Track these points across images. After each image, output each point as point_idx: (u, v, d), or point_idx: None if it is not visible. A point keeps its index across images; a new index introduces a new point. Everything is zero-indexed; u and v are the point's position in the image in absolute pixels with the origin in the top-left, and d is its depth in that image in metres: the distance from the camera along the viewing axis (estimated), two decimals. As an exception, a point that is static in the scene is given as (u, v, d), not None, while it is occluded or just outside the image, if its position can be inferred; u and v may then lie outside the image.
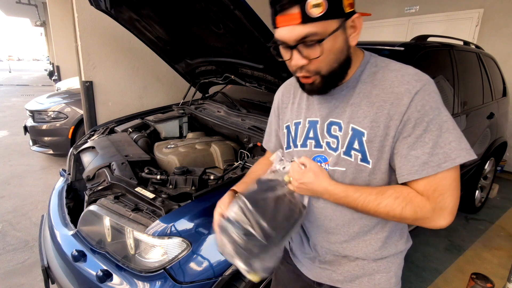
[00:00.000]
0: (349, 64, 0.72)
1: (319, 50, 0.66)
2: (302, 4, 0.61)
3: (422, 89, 0.66)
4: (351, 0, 0.65)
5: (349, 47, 0.70)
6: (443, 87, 2.18)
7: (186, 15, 1.50)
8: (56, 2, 8.35)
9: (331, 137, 0.77)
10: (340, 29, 0.65)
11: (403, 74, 0.70)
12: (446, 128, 0.65)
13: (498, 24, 4.05)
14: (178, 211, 1.14)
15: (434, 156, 0.65)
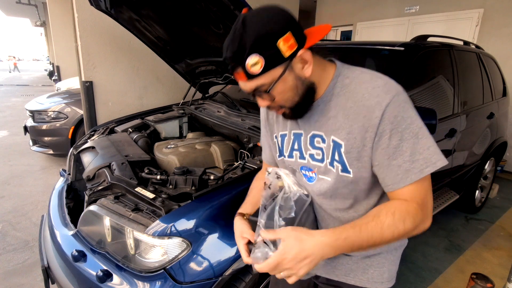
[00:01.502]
0: (313, 91, 0.76)
1: (272, 96, 0.73)
2: (243, 65, 0.68)
3: (392, 101, 0.69)
4: (291, 42, 0.67)
5: (304, 79, 0.73)
6: (443, 87, 2.18)
7: (186, 15, 1.50)
8: (56, 2, 8.35)
9: (315, 149, 0.82)
10: (287, 71, 0.70)
11: (373, 86, 0.72)
12: (421, 134, 0.69)
13: (498, 24, 4.05)
14: (178, 211, 1.14)
15: (415, 162, 0.68)
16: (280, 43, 0.66)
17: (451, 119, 2.10)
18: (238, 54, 0.67)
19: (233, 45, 0.68)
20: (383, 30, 5.41)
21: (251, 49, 0.66)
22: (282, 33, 0.66)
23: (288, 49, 0.67)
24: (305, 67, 0.72)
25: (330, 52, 2.42)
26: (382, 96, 0.69)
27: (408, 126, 0.68)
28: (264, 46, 0.66)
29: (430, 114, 1.55)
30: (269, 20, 0.67)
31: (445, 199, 2.46)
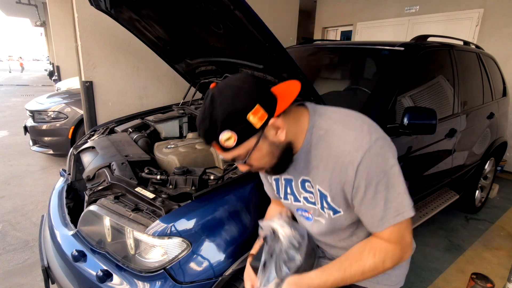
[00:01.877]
0: (290, 150, 0.80)
1: (249, 164, 0.78)
2: (216, 141, 0.71)
3: (363, 158, 0.72)
4: (260, 113, 0.69)
5: (279, 143, 0.76)
6: (443, 87, 2.18)
7: (186, 15, 1.50)
8: (56, 2, 8.35)
9: (307, 192, 0.87)
10: (260, 140, 0.73)
11: (344, 142, 0.74)
12: (391, 184, 0.73)
13: (498, 24, 4.05)
14: (178, 211, 1.14)
15: (387, 210, 0.74)
16: (250, 117, 0.68)
17: (451, 119, 2.10)
18: (211, 132, 0.70)
19: (204, 123, 0.70)
20: (383, 30, 5.41)
21: (222, 126, 0.68)
22: (250, 107, 0.68)
23: (259, 121, 0.69)
24: (278, 133, 0.74)
25: (330, 52, 2.42)
26: (353, 155, 0.72)
27: (380, 179, 0.72)
28: (234, 122, 0.68)
29: (430, 114, 1.55)
30: (236, 97, 0.68)
31: (445, 199, 2.46)
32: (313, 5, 6.94)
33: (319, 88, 2.05)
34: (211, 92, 0.71)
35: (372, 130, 0.75)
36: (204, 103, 0.72)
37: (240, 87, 0.70)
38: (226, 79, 0.75)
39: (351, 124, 0.76)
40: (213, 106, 0.69)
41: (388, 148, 0.74)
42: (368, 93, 1.77)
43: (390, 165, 0.73)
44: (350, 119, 0.78)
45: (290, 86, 0.80)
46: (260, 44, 1.25)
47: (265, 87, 0.73)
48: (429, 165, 2.05)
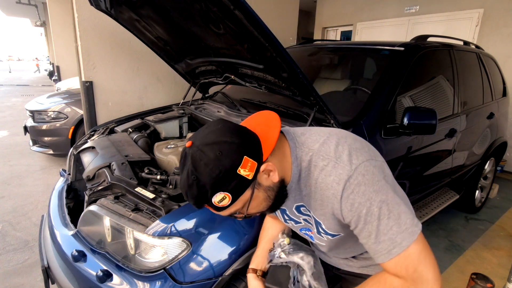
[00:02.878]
0: (284, 187, 0.76)
1: (247, 214, 0.74)
2: (209, 203, 0.67)
3: (344, 190, 0.68)
4: (249, 164, 0.64)
5: (273, 185, 0.72)
6: (443, 87, 2.18)
7: (186, 15, 1.50)
8: (56, 2, 8.35)
9: (305, 215, 0.85)
10: (255, 189, 0.69)
11: (325, 174, 0.71)
12: (382, 214, 0.66)
13: (498, 24, 4.05)
14: (178, 211, 1.14)
15: (381, 244, 0.67)
16: (241, 171, 0.63)
17: (451, 119, 2.10)
18: (201, 197, 0.65)
19: (191, 190, 0.65)
20: (383, 30, 5.41)
21: (213, 190, 0.64)
22: (238, 162, 0.63)
23: (250, 172, 0.65)
24: (270, 175, 0.71)
25: (330, 52, 2.42)
26: (335, 188, 0.69)
27: (368, 210, 0.67)
28: (225, 182, 0.63)
29: (430, 114, 1.55)
30: (220, 155, 0.62)
31: (445, 199, 2.46)
32: (313, 5, 6.94)
33: (319, 88, 2.06)
34: (190, 154, 0.64)
35: (353, 156, 0.69)
36: (185, 166, 0.65)
37: (221, 142, 0.64)
38: (201, 133, 0.67)
39: (331, 153, 0.71)
40: (198, 171, 0.62)
41: (372, 172, 0.68)
42: (368, 93, 1.77)
43: (378, 191, 0.67)
44: (328, 148, 0.72)
45: (267, 120, 0.75)
46: (260, 44, 1.25)
47: (245, 133, 0.68)
48: (429, 165, 2.05)
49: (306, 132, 0.79)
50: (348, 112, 1.62)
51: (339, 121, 1.44)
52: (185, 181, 0.65)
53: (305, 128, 0.82)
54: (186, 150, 0.66)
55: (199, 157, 0.63)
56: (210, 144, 0.64)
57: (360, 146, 0.74)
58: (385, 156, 1.62)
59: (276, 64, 1.37)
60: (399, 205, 0.67)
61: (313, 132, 0.79)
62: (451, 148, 2.17)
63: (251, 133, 0.69)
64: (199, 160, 0.63)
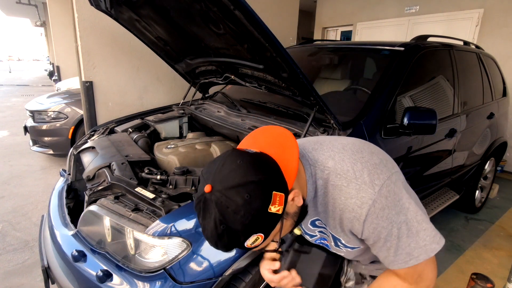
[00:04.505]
0: (305, 207, 0.72)
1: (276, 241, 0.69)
2: (241, 247, 0.61)
3: (368, 215, 0.66)
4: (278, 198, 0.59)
5: (298, 209, 0.69)
6: (443, 87, 2.18)
7: (186, 15, 1.50)
8: (56, 2, 8.35)
9: (319, 227, 0.84)
10: (284, 219, 0.65)
11: (346, 196, 0.68)
12: (402, 234, 0.67)
13: (498, 24, 4.05)
14: (178, 211, 1.14)
15: (398, 256, 0.68)
16: (271, 209, 0.58)
17: (451, 119, 2.10)
18: (233, 244, 0.60)
19: (222, 240, 0.59)
20: (383, 30, 5.41)
21: (246, 236, 0.59)
22: (268, 200, 0.58)
23: (279, 206, 0.59)
24: (295, 200, 0.66)
25: (330, 52, 2.42)
26: (357, 211, 0.67)
27: (389, 232, 0.67)
28: (258, 224, 0.58)
29: (430, 114, 1.55)
30: (249, 198, 0.56)
31: (445, 199, 2.46)
32: (313, 5, 6.94)
33: (319, 88, 2.05)
34: (213, 201, 0.57)
35: (374, 176, 0.67)
36: (207, 214, 0.59)
37: (247, 184, 0.57)
38: (218, 173, 0.60)
39: (349, 172, 0.68)
40: (227, 220, 0.56)
41: (394, 192, 0.67)
42: (368, 93, 1.77)
43: (399, 212, 0.66)
44: (346, 165, 0.69)
45: (280, 140, 0.69)
46: (260, 44, 1.25)
47: (266, 164, 0.61)
48: (429, 165, 2.05)
49: (317, 147, 0.75)
50: (348, 112, 1.62)
51: (339, 121, 1.44)
52: (213, 231, 0.58)
53: (314, 142, 0.78)
54: (207, 196, 0.58)
55: (226, 204, 0.56)
56: (235, 187, 0.57)
57: (378, 160, 0.71)
58: (385, 156, 1.62)
59: (276, 64, 1.37)
60: (419, 223, 0.67)
61: (325, 147, 0.74)
62: (451, 148, 2.17)
63: (271, 162, 0.62)
64: (226, 208, 0.56)
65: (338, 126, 1.45)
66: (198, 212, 0.61)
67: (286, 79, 1.45)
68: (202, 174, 0.63)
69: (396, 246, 0.67)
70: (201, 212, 0.60)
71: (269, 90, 1.72)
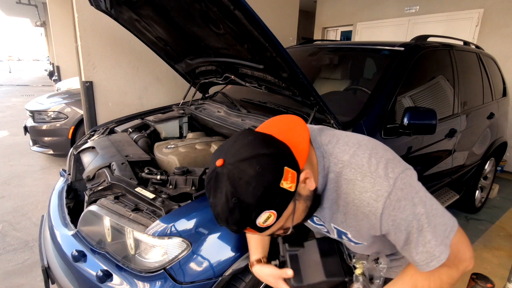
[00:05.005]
0: (318, 195, 0.72)
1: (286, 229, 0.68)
2: (253, 225, 0.59)
3: (384, 208, 0.65)
4: (290, 174, 0.59)
5: (311, 193, 0.68)
6: (443, 87, 2.18)
7: (186, 15, 1.50)
8: (56, 2, 8.35)
9: (318, 225, 0.85)
10: (297, 200, 0.64)
11: (361, 190, 0.67)
12: (421, 227, 0.66)
13: (498, 24, 4.05)
14: (178, 211, 1.14)
15: (418, 255, 0.67)
16: (283, 184, 0.58)
17: (451, 119, 2.10)
18: (245, 221, 0.58)
19: (233, 215, 0.57)
20: (383, 30, 5.41)
21: (258, 210, 0.57)
22: (280, 174, 0.57)
23: (292, 183, 0.59)
24: (307, 183, 0.65)
25: (330, 52, 2.42)
26: (373, 205, 0.66)
27: (409, 223, 0.65)
28: (269, 199, 0.57)
29: (430, 114, 1.55)
30: (261, 170, 0.56)
31: (445, 199, 2.46)
32: (313, 5, 6.94)
33: (319, 88, 2.05)
34: (225, 174, 0.57)
35: (389, 169, 0.66)
36: (218, 189, 0.58)
37: (258, 156, 0.57)
38: (230, 148, 0.60)
39: (364, 166, 0.67)
40: (239, 192, 0.56)
41: (410, 184, 0.66)
42: (368, 93, 1.77)
43: (417, 204, 0.65)
44: (361, 160, 0.68)
45: (290, 125, 0.69)
46: (260, 44, 1.25)
47: (277, 142, 0.62)
48: (429, 165, 2.05)
49: (333, 140, 0.74)
50: (348, 112, 1.62)
51: (339, 121, 1.44)
52: (224, 206, 0.57)
53: (330, 134, 0.77)
54: (218, 170, 0.58)
55: (238, 176, 0.56)
56: (247, 159, 0.57)
57: (392, 156, 0.70)
58: (385, 156, 1.62)
59: (276, 64, 1.37)
60: (435, 217, 0.67)
61: (340, 141, 0.73)
62: (451, 148, 2.17)
63: (281, 142, 0.63)
64: (238, 179, 0.56)
65: (338, 126, 1.45)
66: (209, 190, 0.61)
67: (286, 79, 1.45)
68: (214, 153, 0.64)
69: (416, 241, 0.66)
70: (212, 189, 0.59)
71: (269, 90, 1.72)
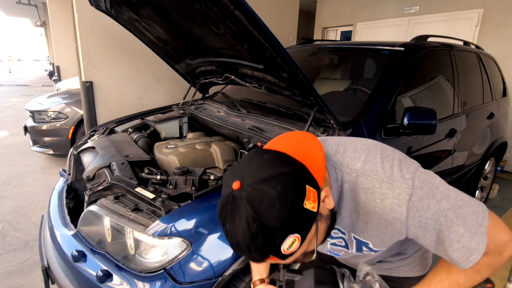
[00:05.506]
0: (335, 213, 0.67)
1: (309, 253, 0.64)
2: (276, 252, 0.54)
3: (408, 210, 0.62)
4: (312, 193, 0.55)
5: (329, 212, 0.64)
6: (443, 87, 2.18)
7: (186, 15, 1.50)
8: (56, 2, 8.35)
9: (335, 239, 0.81)
10: (318, 221, 0.60)
11: (381, 197, 0.64)
12: (450, 222, 0.62)
13: (498, 24, 4.05)
14: (178, 211, 1.14)
15: (455, 252, 0.63)
16: (306, 204, 0.54)
17: (451, 119, 2.10)
18: (269, 248, 0.53)
19: (256, 242, 0.52)
20: (383, 30, 5.41)
21: (283, 235, 0.53)
22: (303, 193, 0.54)
23: (314, 202, 0.55)
24: (326, 201, 0.62)
25: (330, 52, 2.42)
26: (396, 211, 0.63)
27: (436, 221, 0.62)
28: (294, 221, 0.53)
29: (430, 114, 1.55)
30: (283, 190, 0.52)
31: (445, 199, 2.46)
32: (313, 5, 6.94)
33: (319, 88, 2.05)
34: (244, 197, 0.52)
35: (403, 169, 0.64)
36: (236, 214, 0.53)
37: (279, 175, 0.53)
38: (246, 169, 0.56)
39: (379, 172, 0.65)
40: (261, 215, 0.51)
41: (428, 181, 0.63)
42: (368, 93, 1.77)
43: (440, 200, 0.62)
44: (374, 166, 0.65)
45: (302, 142, 0.65)
46: (260, 44, 1.25)
47: (292, 158, 0.58)
48: (429, 165, 2.05)
49: (340, 149, 0.71)
50: (348, 112, 1.62)
51: (339, 121, 1.44)
52: (245, 232, 0.52)
53: (336, 144, 0.74)
54: (235, 194, 0.53)
55: (259, 199, 0.52)
56: (267, 179, 0.53)
57: (403, 156, 0.68)
58: (385, 156, 1.62)
59: (276, 64, 1.37)
60: (462, 207, 0.63)
61: (348, 149, 0.71)
62: (451, 148, 2.17)
63: (297, 160, 0.59)
64: (259, 202, 0.51)
65: (338, 126, 1.45)
66: (225, 216, 0.55)
67: (286, 79, 1.45)
68: (226, 176, 0.59)
69: (449, 239, 0.62)
70: (228, 215, 0.54)
71: (269, 90, 1.72)
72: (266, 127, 1.70)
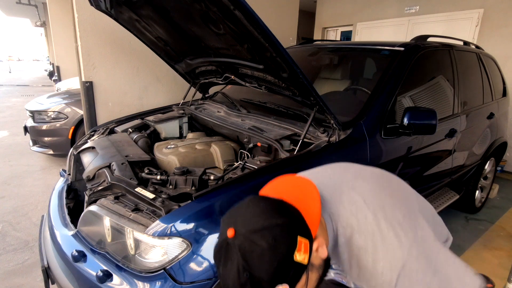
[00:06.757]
0: (329, 259, 0.67)
1: None
2: None
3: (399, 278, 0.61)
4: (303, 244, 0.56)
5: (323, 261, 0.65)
6: (443, 87, 2.18)
7: (186, 15, 1.50)
8: (56, 2, 8.36)
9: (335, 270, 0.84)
10: (309, 271, 0.61)
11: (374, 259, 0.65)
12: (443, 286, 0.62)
13: (498, 24, 4.05)
14: (178, 212, 1.14)
15: None
16: (297, 256, 0.55)
17: (451, 119, 2.10)
18: None
19: None
20: (383, 30, 5.41)
21: (270, 286, 0.54)
22: (293, 245, 0.54)
23: (305, 254, 0.56)
24: (319, 251, 0.62)
25: (330, 52, 2.42)
26: (387, 275, 0.62)
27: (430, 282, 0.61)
28: (283, 273, 0.54)
29: (430, 114, 1.55)
30: (274, 242, 0.53)
31: (445, 199, 2.46)
32: (313, 5, 6.94)
33: (319, 88, 2.06)
34: (236, 246, 0.54)
35: (401, 234, 0.63)
36: (228, 261, 0.55)
37: (272, 227, 0.55)
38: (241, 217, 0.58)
39: (375, 234, 0.64)
40: (251, 266, 0.53)
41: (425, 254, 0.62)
42: (368, 93, 1.77)
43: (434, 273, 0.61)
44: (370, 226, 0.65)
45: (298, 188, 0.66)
46: (260, 44, 1.25)
47: (288, 208, 0.59)
48: (429, 165, 2.05)
49: (336, 196, 0.71)
50: (348, 112, 1.62)
51: (339, 121, 1.44)
52: (235, 280, 0.54)
53: (331, 186, 0.73)
54: (229, 241, 0.55)
55: (250, 249, 0.53)
56: (259, 230, 0.54)
57: (402, 216, 0.66)
58: (385, 156, 1.62)
59: (276, 64, 1.37)
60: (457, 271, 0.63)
61: (344, 199, 0.70)
62: (451, 148, 2.17)
63: (292, 208, 0.60)
64: (250, 252, 0.53)
65: (338, 126, 1.45)
66: (219, 259, 0.58)
67: (286, 79, 1.45)
68: (224, 219, 0.61)
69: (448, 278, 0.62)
70: (222, 259, 0.57)
71: (269, 90, 1.72)
72: (266, 127, 1.70)
